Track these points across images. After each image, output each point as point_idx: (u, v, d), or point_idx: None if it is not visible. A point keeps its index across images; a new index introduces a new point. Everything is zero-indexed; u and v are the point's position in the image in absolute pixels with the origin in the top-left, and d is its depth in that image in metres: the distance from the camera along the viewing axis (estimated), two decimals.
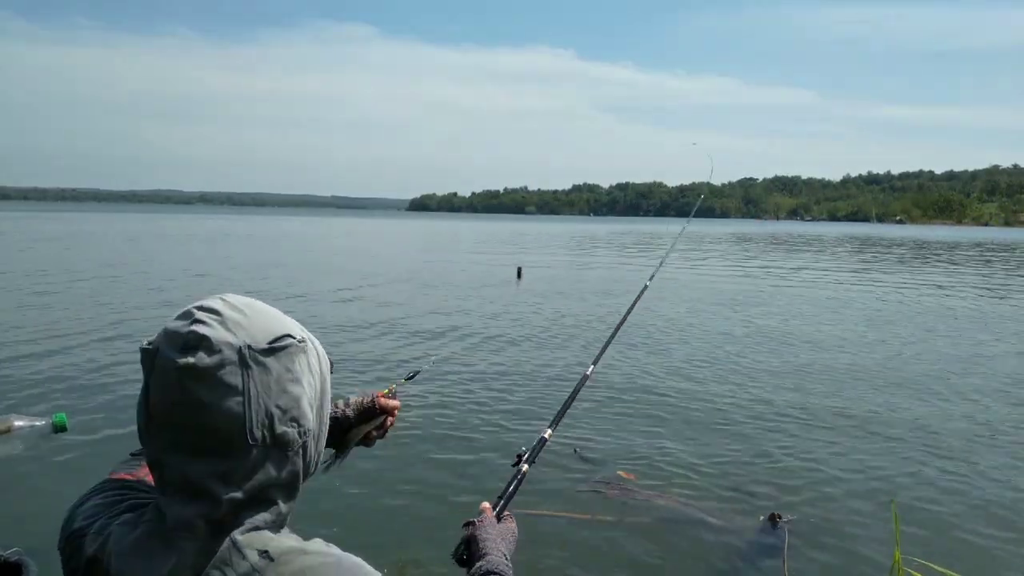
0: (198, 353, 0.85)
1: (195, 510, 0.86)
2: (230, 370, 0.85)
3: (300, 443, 0.91)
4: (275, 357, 0.89)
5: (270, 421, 0.87)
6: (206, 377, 0.84)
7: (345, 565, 0.89)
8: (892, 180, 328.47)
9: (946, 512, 4.62)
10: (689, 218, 5.20)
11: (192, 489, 0.86)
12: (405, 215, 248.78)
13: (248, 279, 18.24)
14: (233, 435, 0.85)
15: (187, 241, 36.53)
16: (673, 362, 8.90)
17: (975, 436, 6.16)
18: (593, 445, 5.69)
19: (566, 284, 18.72)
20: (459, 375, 7.92)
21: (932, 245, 50.09)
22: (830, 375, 8.37)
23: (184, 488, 0.86)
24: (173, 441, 0.86)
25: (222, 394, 0.84)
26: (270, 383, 0.88)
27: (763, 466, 5.34)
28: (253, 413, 0.86)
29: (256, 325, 0.90)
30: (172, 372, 0.84)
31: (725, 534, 4.25)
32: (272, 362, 0.88)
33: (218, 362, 0.85)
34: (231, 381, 0.85)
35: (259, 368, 0.87)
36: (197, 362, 0.84)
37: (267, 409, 0.87)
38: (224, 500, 0.86)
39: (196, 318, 0.88)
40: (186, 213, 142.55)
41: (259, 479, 0.88)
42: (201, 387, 0.84)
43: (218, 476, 0.86)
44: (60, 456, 4.99)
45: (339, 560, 0.89)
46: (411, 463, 5.22)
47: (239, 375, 0.86)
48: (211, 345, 0.85)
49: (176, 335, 0.87)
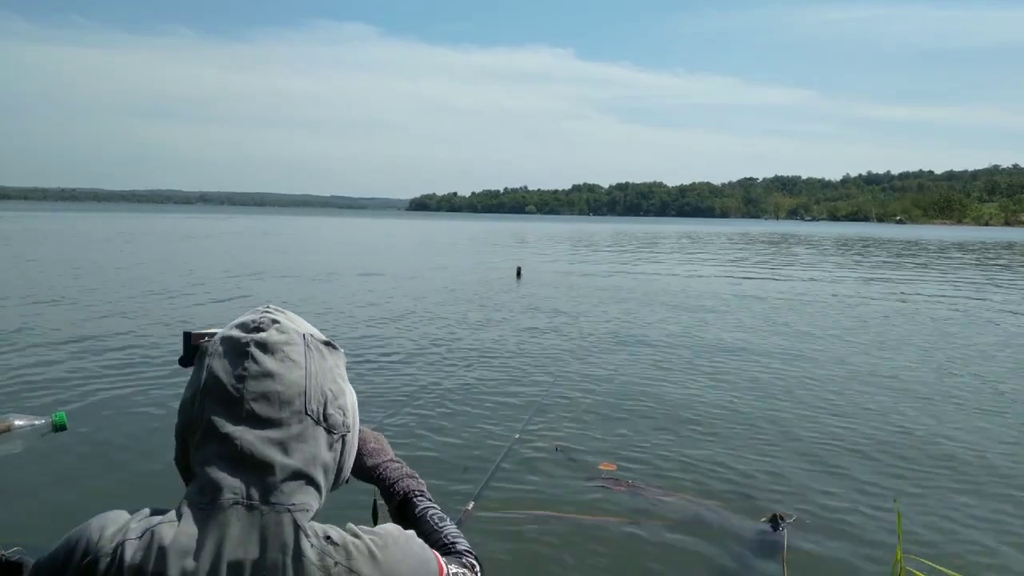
0: (271, 331, 0.98)
1: (252, 477, 0.90)
2: (297, 348, 0.98)
3: (344, 431, 1.00)
4: (330, 350, 1.03)
5: (324, 400, 0.97)
6: (277, 350, 0.96)
7: (402, 537, 0.98)
8: (892, 180, 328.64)
9: (948, 512, 4.61)
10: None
11: (250, 458, 0.90)
12: (405, 215, 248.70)
13: (246, 278, 18.23)
14: (294, 403, 0.94)
15: (183, 240, 36.52)
16: (673, 362, 8.89)
17: (976, 435, 6.15)
18: (592, 445, 5.69)
19: (566, 284, 18.71)
20: (450, 375, 7.92)
21: (946, 246, 50.05)
22: (829, 375, 8.36)
23: (241, 458, 0.90)
24: (235, 413, 0.92)
25: (289, 367, 0.95)
26: (325, 369, 1.00)
27: (763, 466, 5.33)
28: (312, 387, 0.96)
29: (309, 326, 1.05)
30: (246, 346, 0.95)
31: (725, 535, 4.24)
32: (328, 352, 1.02)
33: (288, 339, 0.98)
34: (296, 357, 0.97)
35: (318, 353, 1.00)
36: (269, 336, 0.97)
37: (322, 388, 0.97)
38: (280, 466, 0.91)
39: (267, 310, 1.03)
40: (187, 213, 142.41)
41: (310, 450, 0.94)
42: (272, 359, 0.95)
43: (276, 443, 0.91)
44: (60, 456, 4.97)
45: (393, 534, 0.97)
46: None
47: (303, 354, 0.98)
48: (282, 327, 0.99)
49: (249, 322, 0.99)
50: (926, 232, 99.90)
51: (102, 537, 0.88)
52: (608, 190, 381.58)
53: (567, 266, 25.63)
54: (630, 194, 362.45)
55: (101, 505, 0.96)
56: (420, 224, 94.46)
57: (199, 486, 0.91)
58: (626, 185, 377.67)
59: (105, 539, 0.88)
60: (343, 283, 17.83)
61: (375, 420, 6.18)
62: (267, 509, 0.88)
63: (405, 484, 1.25)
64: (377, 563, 0.91)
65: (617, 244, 44.73)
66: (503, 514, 4.35)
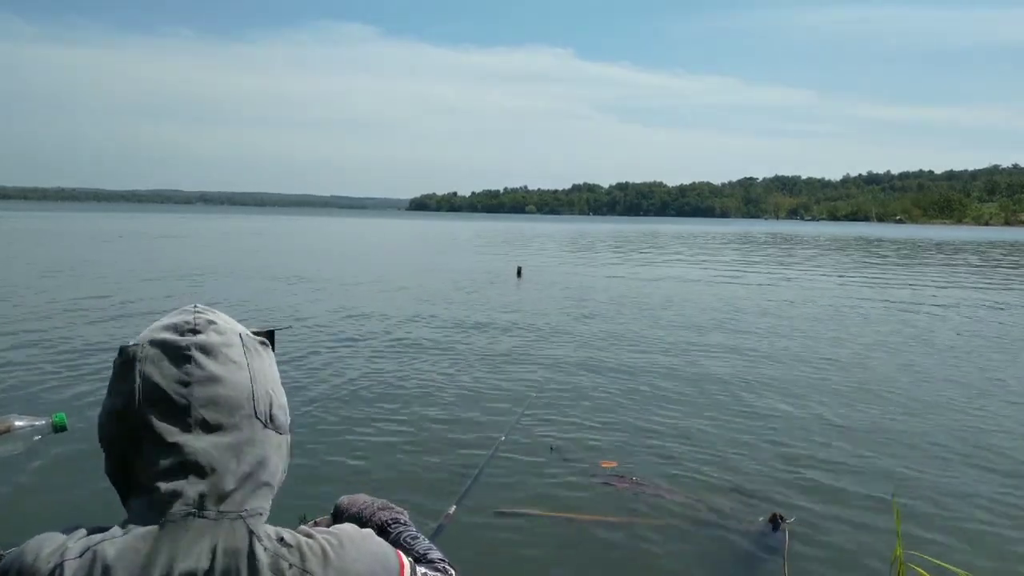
0: (209, 332, 0.92)
1: (205, 486, 0.86)
2: (236, 349, 0.92)
3: (287, 432, 0.97)
4: (265, 349, 0.98)
5: (269, 401, 0.93)
6: (218, 353, 0.90)
7: (358, 535, 0.94)
8: (892, 180, 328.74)
9: (948, 509, 4.61)
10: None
11: (203, 467, 0.86)
12: (405, 215, 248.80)
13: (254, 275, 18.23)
14: (243, 407, 0.90)
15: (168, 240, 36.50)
16: (673, 362, 8.90)
17: (976, 434, 6.15)
18: (590, 444, 5.69)
19: (567, 283, 18.71)
20: (450, 372, 7.93)
21: (949, 246, 50.04)
22: (829, 375, 8.36)
23: (194, 467, 0.86)
24: (183, 421, 0.87)
25: (232, 369, 0.90)
26: (265, 368, 0.95)
27: (763, 467, 5.33)
28: (258, 390, 0.92)
29: (239, 324, 0.99)
30: (186, 350, 0.89)
31: (725, 535, 4.24)
32: (264, 352, 0.97)
33: (227, 340, 0.92)
34: (237, 358, 0.91)
35: (255, 353, 0.95)
36: (209, 338, 0.91)
37: (266, 389, 0.93)
38: (233, 472, 0.88)
39: (197, 310, 0.95)
40: (186, 213, 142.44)
41: (261, 454, 0.91)
42: (214, 362, 0.89)
43: (228, 449, 0.88)
44: (60, 456, 4.98)
45: (349, 532, 0.94)
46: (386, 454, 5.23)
47: (243, 355, 0.93)
48: (219, 327, 0.93)
49: (181, 323, 0.92)
50: (932, 232, 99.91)
51: (38, 559, 0.83)
52: (608, 190, 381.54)
53: (567, 266, 25.63)
54: (630, 194, 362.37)
55: (101, 505, 0.94)
56: (420, 224, 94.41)
57: (147, 499, 0.86)
58: (626, 185, 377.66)
59: (41, 561, 0.82)
60: (343, 283, 17.83)
61: (371, 419, 6.19)
62: (221, 517, 0.86)
63: (379, 517, 1.23)
64: (330, 562, 0.88)
65: (617, 244, 44.73)
66: (500, 512, 4.35)
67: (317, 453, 5.35)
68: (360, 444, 5.60)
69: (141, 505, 0.86)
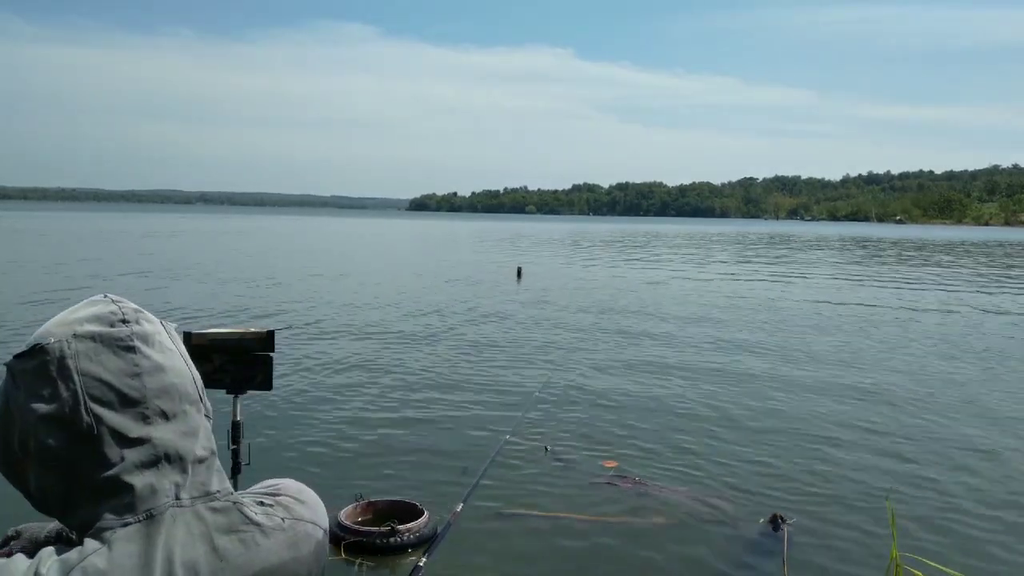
0: (141, 321, 0.87)
1: (176, 475, 0.84)
2: (166, 336, 0.89)
3: (211, 416, 0.95)
4: (177, 334, 0.94)
5: (199, 384, 0.91)
6: (155, 342, 0.86)
7: (297, 483, 0.97)
8: (892, 180, 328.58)
9: (945, 511, 4.62)
10: None
11: (171, 456, 0.84)
12: (405, 215, 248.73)
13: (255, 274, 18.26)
14: (189, 392, 0.88)
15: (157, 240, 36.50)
16: (672, 362, 8.92)
17: (973, 435, 6.17)
18: (591, 444, 5.72)
19: (567, 283, 18.73)
20: (460, 375, 7.96)
21: (941, 246, 50.08)
22: (829, 376, 8.38)
23: (164, 459, 0.84)
24: (140, 413, 0.83)
25: (171, 356, 0.88)
26: (185, 352, 0.92)
27: (763, 467, 5.35)
28: (194, 374, 0.90)
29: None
30: (128, 340, 0.84)
31: (725, 535, 4.27)
32: (176, 336, 0.93)
33: (157, 328, 0.88)
34: (170, 345, 0.89)
35: (176, 337, 0.92)
36: (143, 328, 0.86)
37: (190, 372, 0.90)
38: (197, 457, 0.86)
39: (115, 299, 0.89)
40: (187, 213, 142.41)
41: (208, 435, 0.90)
42: (155, 351, 0.86)
43: (188, 435, 0.86)
44: None
45: (292, 482, 0.97)
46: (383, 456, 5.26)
47: (171, 339, 0.90)
48: (145, 316, 0.88)
49: (108, 314, 0.86)
50: (937, 232, 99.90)
51: None
52: (608, 190, 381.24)
53: (567, 266, 25.66)
54: (630, 194, 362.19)
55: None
56: (420, 225, 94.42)
57: (119, 500, 0.81)
58: (626, 185, 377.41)
59: None
60: (343, 283, 17.86)
61: (372, 418, 6.22)
62: (199, 502, 0.84)
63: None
64: (307, 505, 0.92)
65: (617, 244, 44.74)
66: (499, 513, 4.38)
67: (322, 455, 5.39)
68: (362, 444, 5.64)
69: (116, 509, 0.81)
